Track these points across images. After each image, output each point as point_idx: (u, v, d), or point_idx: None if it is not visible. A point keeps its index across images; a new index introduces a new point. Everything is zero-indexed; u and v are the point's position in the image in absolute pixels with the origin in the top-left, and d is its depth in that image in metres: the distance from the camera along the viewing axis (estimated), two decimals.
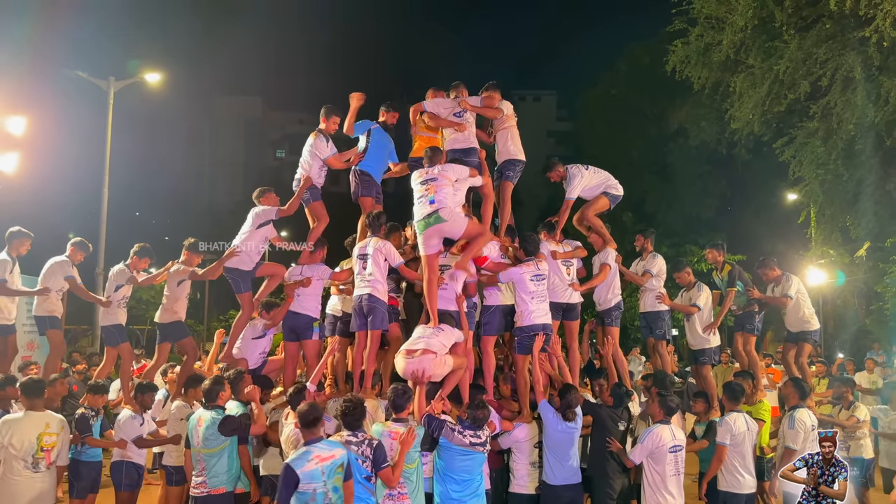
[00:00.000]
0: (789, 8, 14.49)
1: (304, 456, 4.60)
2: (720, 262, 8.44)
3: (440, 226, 6.36)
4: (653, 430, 6.07)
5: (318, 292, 7.39)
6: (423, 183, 6.50)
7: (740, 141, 18.60)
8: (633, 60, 29.86)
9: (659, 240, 26.50)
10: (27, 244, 7.89)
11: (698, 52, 17.17)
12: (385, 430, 5.35)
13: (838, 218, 17.83)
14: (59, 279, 7.84)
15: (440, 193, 6.38)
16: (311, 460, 4.57)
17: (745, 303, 8.30)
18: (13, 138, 10.87)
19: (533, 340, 6.46)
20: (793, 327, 8.31)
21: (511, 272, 6.64)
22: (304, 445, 4.72)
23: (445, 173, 6.50)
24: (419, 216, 6.47)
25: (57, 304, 7.97)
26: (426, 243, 6.48)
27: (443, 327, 6.11)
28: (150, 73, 17.74)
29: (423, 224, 6.42)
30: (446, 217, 6.31)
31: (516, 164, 7.75)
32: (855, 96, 14.30)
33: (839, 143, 15.29)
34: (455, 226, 6.42)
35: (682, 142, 26.66)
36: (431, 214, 6.35)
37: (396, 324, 7.02)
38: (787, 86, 15.38)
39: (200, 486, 5.56)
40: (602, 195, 8.06)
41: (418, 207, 6.50)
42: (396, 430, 5.29)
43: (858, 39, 13.71)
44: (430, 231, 6.40)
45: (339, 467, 4.67)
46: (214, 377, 5.99)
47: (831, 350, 22.21)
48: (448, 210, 6.34)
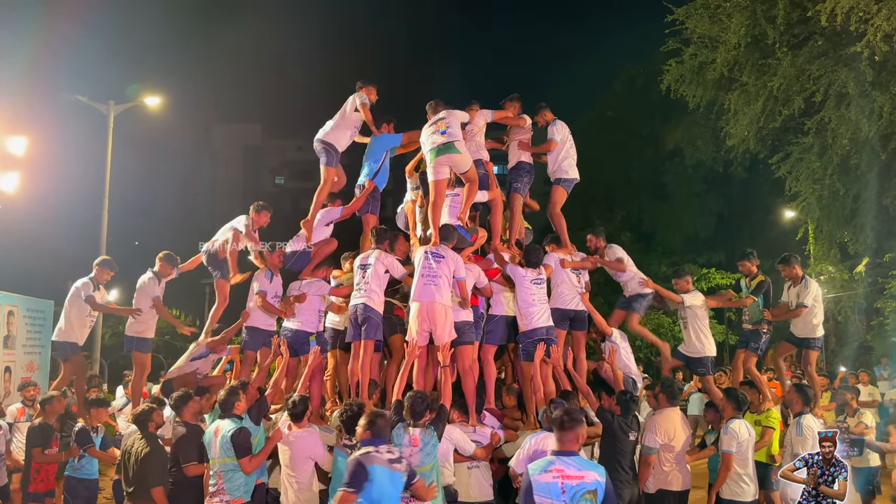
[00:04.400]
0: (781, 26, 14.65)
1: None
2: (753, 271, 8.23)
3: (451, 156, 6.97)
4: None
5: (316, 307, 7.40)
6: (435, 122, 7.18)
7: (736, 158, 18.71)
8: (628, 81, 30.11)
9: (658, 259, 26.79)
10: (109, 273, 8.10)
11: (692, 71, 17.31)
12: (406, 437, 5.24)
13: (836, 234, 17.88)
14: (148, 298, 7.89)
15: (452, 127, 7.05)
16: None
17: (757, 318, 8.13)
18: (14, 158, 10.94)
19: (536, 346, 6.47)
20: (800, 332, 8.15)
21: (515, 268, 6.90)
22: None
23: (453, 113, 7.27)
24: (431, 144, 7.05)
25: (146, 324, 7.99)
26: (437, 170, 7.05)
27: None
28: (149, 96, 17.89)
29: (435, 151, 7.01)
30: (461, 150, 6.99)
31: (524, 170, 7.88)
32: (849, 111, 14.42)
33: (834, 158, 15.38)
34: (464, 159, 7.05)
35: (678, 161, 26.80)
36: (445, 144, 6.97)
37: (400, 335, 7.03)
38: (781, 102, 15.49)
39: (218, 496, 5.41)
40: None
41: (430, 137, 7.11)
42: (416, 436, 5.22)
43: (850, 55, 13.85)
44: (442, 159, 7.01)
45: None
46: (230, 387, 5.96)
47: (833, 365, 22.13)
48: (460, 143, 7.02)
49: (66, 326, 7.85)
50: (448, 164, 7.06)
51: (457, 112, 7.38)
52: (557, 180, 8.13)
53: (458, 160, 7.04)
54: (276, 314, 7.52)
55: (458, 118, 7.31)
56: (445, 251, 6.56)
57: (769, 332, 8.19)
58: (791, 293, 8.10)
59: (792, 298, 8.09)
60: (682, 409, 8.10)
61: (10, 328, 11.34)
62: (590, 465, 4.24)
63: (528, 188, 8.15)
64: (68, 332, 7.86)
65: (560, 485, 4.02)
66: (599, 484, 4.07)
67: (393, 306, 7.23)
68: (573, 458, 4.15)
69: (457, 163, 7.06)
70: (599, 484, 4.07)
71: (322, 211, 7.87)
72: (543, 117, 8.23)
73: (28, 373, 11.57)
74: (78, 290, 7.87)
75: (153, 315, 8.01)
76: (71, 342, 7.89)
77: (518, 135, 8.13)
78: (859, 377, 13.70)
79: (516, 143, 8.11)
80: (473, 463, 5.95)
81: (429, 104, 7.51)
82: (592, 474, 4.10)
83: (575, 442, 4.21)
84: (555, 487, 4.02)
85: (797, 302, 7.94)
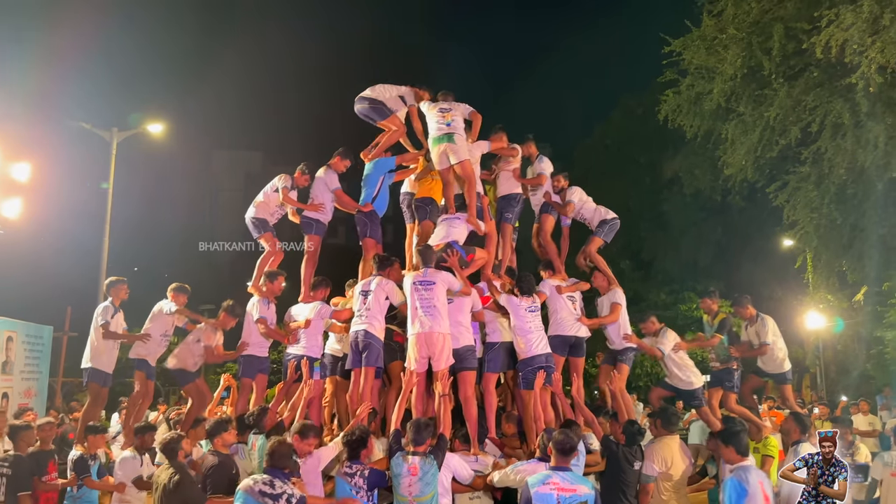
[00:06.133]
0: (777, 57, 14.86)
1: None
2: (714, 310, 8.45)
3: (450, 145, 7.59)
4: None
5: (319, 331, 7.41)
6: (441, 112, 7.80)
7: (734, 188, 18.81)
8: (626, 111, 30.42)
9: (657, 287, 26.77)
10: (124, 289, 8.03)
11: (689, 102, 17.51)
12: (405, 466, 5.22)
13: (834, 263, 17.91)
14: (166, 323, 7.93)
15: (456, 121, 7.71)
16: None
17: (725, 356, 8.19)
18: (18, 184, 11.01)
19: (536, 374, 6.47)
20: (769, 369, 8.30)
21: (509, 298, 6.91)
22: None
23: (458, 106, 7.87)
24: (436, 133, 7.70)
25: (150, 348, 7.97)
26: (439, 158, 7.66)
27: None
28: (152, 123, 18.04)
29: (437, 140, 7.66)
30: (458, 142, 7.62)
31: (515, 200, 7.97)
32: (845, 141, 14.56)
33: (831, 187, 15.49)
34: (461, 150, 7.61)
35: (676, 190, 26.93)
36: (447, 134, 7.63)
37: (399, 362, 7.02)
38: (778, 132, 15.65)
39: None
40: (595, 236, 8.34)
41: (435, 125, 7.74)
42: (415, 465, 5.20)
43: (846, 86, 14.02)
44: (442, 147, 7.63)
45: None
46: (260, 407, 6.10)
47: (834, 395, 22.03)
48: (459, 136, 7.67)
49: (92, 354, 7.80)
50: (447, 154, 7.63)
51: (461, 105, 7.94)
52: (546, 207, 8.27)
53: (457, 150, 7.61)
54: (278, 339, 7.53)
55: (462, 112, 7.87)
56: (433, 276, 6.57)
57: (739, 367, 8.26)
58: (750, 332, 8.26)
59: (752, 337, 8.21)
60: (682, 437, 8.08)
61: (9, 354, 11.32)
62: (581, 480, 4.85)
63: (518, 218, 8.27)
64: (95, 359, 7.81)
65: (556, 496, 4.58)
66: (590, 496, 4.69)
67: (392, 332, 7.23)
68: (567, 473, 4.75)
69: (455, 152, 7.63)
70: (590, 496, 4.69)
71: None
72: (528, 149, 8.40)
73: (26, 399, 11.54)
74: (99, 316, 7.84)
75: (159, 343, 8.00)
76: (96, 369, 7.82)
77: (508, 165, 8.23)
78: (860, 406, 13.66)
79: (506, 173, 8.20)
80: (475, 493, 5.92)
81: (440, 93, 8.13)
82: (584, 488, 4.73)
83: (568, 461, 4.85)
84: (551, 498, 4.57)
85: (758, 341, 8.10)
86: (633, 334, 8.05)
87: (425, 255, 6.75)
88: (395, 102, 8.25)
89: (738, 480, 4.90)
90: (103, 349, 7.79)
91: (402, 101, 8.29)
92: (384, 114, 8.19)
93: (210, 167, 49.41)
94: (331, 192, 8.01)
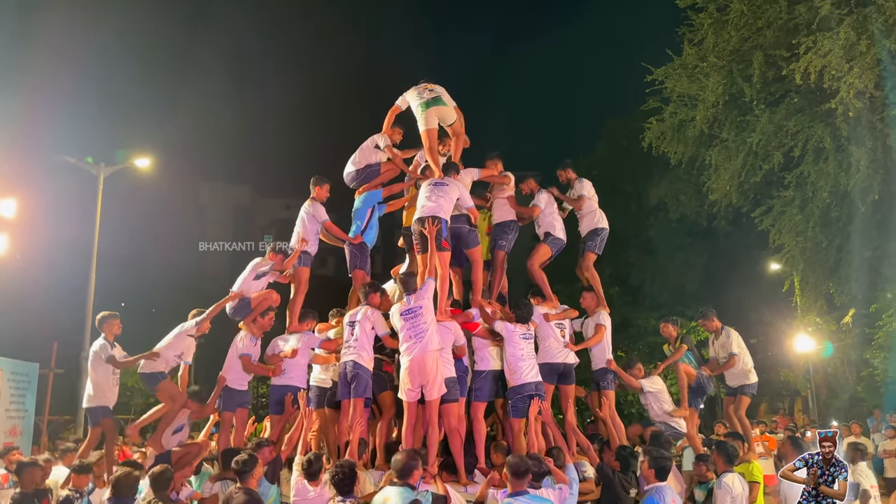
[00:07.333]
0: (758, 84, 15.12)
1: None
2: (674, 336, 8.47)
3: (439, 108, 7.90)
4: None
5: (305, 362, 7.37)
6: (422, 86, 8.10)
7: (719, 213, 18.99)
8: (610, 139, 30.73)
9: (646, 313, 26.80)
10: (117, 324, 7.80)
11: (673, 129, 17.75)
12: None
13: (821, 285, 18.02)
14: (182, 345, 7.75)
15: (437, 88, 8.04)
16: None
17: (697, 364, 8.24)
18: (3, 220, 10.97)
19: (527, 403, 6.44)
20: (732, 382, 8.31)
21: (505, 324, 6.84)
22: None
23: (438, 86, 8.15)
24: (420, 100, 7.95)
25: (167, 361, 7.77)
26: (427, 120, 7.90)
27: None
28: (139, 157, 18.02)
29: (424, 105, 7.90)
30: (447, 103, 7.96)
31: (510, 227, 7.99)
32: (827, 165, 14.79)
33: (815, 210, 15.67)
34: (450, 112, 8.02)
35: (662, 216, 27.13)
36: (433, 98, 7.92)
37: (390, 392, 6.98)
38: (761, 157, 15.87)
39: None
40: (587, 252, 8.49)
41: (419, 96, 7.98)
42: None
43: (826, 111, 14.28)
44: (431, 111, 7.90)
45: None
46: (250, 455, 5.99)
47: (826, 418, 22.00)
48: (447, 97, 7.99)
49: (95, 391, 7.65)
50: (436, 115, 7.91)
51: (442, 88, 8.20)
52: (546, 236, 8.24)
53: (444, 112, 7.97)
54: (263, 374, 7.48)
55: (443, 90, 8.14)
56: (419, 300, 6.54)
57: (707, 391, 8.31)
58: (716, 345, 8.30)
59: (718, 350, 8.26)
60: (676, 463, 8.04)
61: None
62: (540, 500, 5.03)
63: (511, 245, 8.24)
64: (99, 397, 7.65)
65: None
66: None
67: (381, 362, 7.20)
68: (524, 497, 4.95)
69: (443, 114, 7.97)
70: None
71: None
72: (529, 185, 8.42)
73: (10, 438, 11.34)
74: (97, 353, 7.67)
75: (165, 361, 7.85)
76: (102, 406, 7.68)
77: (502, 192, 8.26)
78: (851, 429, 13.67)
79: (500, 200, 8.23)
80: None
81: (422, 79, 8.34)
82: None
83: (524, 484, 5.02)
84: None
85: (724, 353, 8.11)
86: (613, 360, 7.94)
87: (407, 283, 6.73)
88: (376, 155, 8.32)
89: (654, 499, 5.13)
90: (107, 386, 7.68)
91: (378, 148, 8.32)
92: (377, 171, 8.26)
93: (198, 200, 49.41)
94: (319, 224, 8.01)
